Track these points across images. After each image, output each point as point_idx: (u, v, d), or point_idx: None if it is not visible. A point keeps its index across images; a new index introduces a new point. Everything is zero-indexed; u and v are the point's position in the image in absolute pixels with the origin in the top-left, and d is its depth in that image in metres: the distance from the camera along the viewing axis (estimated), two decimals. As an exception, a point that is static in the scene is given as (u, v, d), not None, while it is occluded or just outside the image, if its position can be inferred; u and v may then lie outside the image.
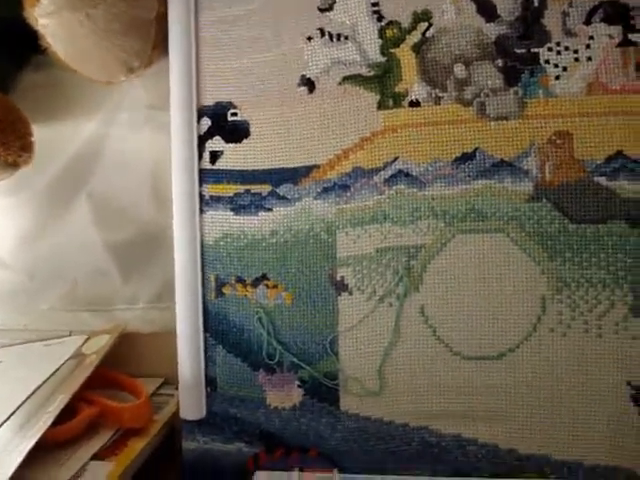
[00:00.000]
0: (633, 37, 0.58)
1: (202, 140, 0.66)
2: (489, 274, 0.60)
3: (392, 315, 0.62)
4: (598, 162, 0.59)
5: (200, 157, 0.66)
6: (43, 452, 0.61)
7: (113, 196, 0.76)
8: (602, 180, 0.58)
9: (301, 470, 0.64)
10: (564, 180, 0.59)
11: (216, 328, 0.66)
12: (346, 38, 0.63)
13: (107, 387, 0.72)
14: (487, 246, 0.60)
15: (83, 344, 0.75)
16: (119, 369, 0.75)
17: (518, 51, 0.60)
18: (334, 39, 0.63)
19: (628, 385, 0.59)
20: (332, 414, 0.63)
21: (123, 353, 0.76)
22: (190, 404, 0.66)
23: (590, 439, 0.60)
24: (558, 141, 0.59)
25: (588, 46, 0.59)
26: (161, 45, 0.68)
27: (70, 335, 0.77)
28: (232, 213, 0.65)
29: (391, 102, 0.62)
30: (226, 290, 0.65)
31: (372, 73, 0.62)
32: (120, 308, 0.77)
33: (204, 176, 0.66)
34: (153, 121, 0.74)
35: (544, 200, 0.59)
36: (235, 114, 0.65)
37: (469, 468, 0.62)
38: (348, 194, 0.63)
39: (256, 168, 0.65)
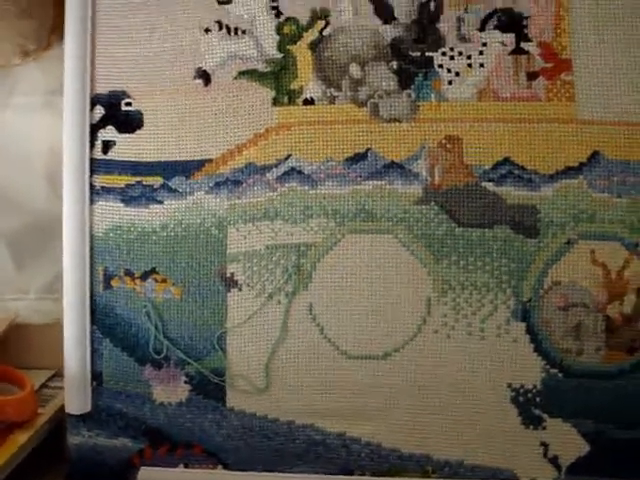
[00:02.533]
0: (525, 46, 0.59)
1: (95, 129, 0.64)
2: (377, 274, 0.61)
3: (280, 313, 0.62)
4: (486, 167, 0.59)
5: (92, 146, 0.64)
6: None
7: (6, 183, 0.74)
8: (489, 185, 0.59)
9: (186, 466, 0.64)
10: (453, 184, 0.60)
11: (103, 321, 0.65)
12: (244, 32, 0.62)
13: (-7, 378, 0.70)
14: (376, 247, 0.61)
15: (-30, 334, 0.72)
16: (10, 360, 0.73)
17: (413, 54, 0.60)
18: (231, 32, 0.62)
19: (508, 387, 0.60)
20: (218, 410, 0.63)
21: (14, 344, 0.74)
22: (75, 398, 0.65)
23: (471, 439, 0.61)
24: (448, 145, 0.60)
25: (481, 52, 0.60)
26: (60, 29, 0.66)
27: (-42, 324, 0.75)
28: (122, 204, 0.64)
29: (286, 99, 0.62)
30: (114, 283, 0.64)
31: (268, 69, 0.62)
32: (11, 298, 0.75)
33: (95, 166, 0.64)
34: (51, 107, 0.72)
35: (432, 203, 0.60)
36: (129, 104, 0.64)
37: (353, 466, 0.62)
38: (240, 190, 0.62)
39: (148, 160, 0.63)
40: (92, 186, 0.64)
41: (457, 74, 0.60)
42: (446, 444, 0.61)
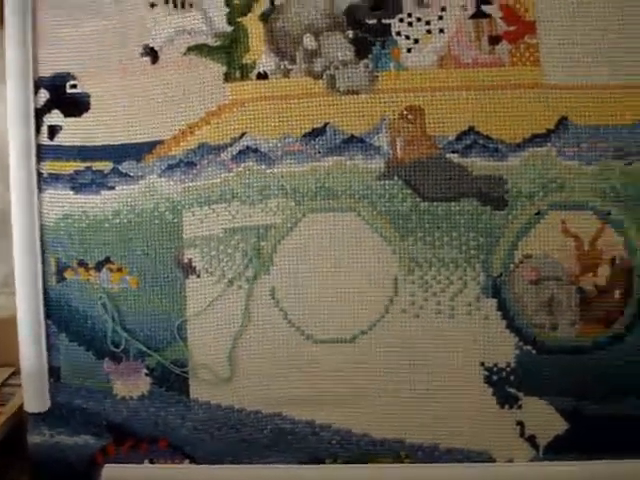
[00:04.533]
0: (486, 9, 0.57)
1: (40, 114, 0.61)
2: (340, 255, 0.58)
3: (242, 298, 0.59)
4: (450, 138, 0.57)
5: (38, 132, 0.61)
6: None
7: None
8: (454, 157, 0.57)
9: (151, 462, 0.62)
10: (416, 157, 0.57)
11: (58, 315, 0.62)
12: (191, 6, 0.59)
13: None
14: (338, 225, 0.58)
15: None
16: (-33, 358, 0.70)
17: (369, 22, 0.57)
18: (178, 6, 0.59)
19: (481, 366, 0.58)
20: (182, 403, 0.61)
21: (-29, 342, 0.71)
22: (34, 396, 0.63)
23: (445, 422, 0.59)
24: (409, 116, 0.57)
25: (441, 17, 0.57)
26: (1, 9, 0.63)
27: None
28: (72, 192, 0.61)
29: (238, 74, 0.59)
30: (68, 274, 0.62)
31: (218, 43, 0.59)
32: (-34, 294, 0.72)
33: (42, 152, 0.61)
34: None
35: (395, 178, 0.57)
36: (75, 86, 0.61)
37: (324, 454, 0.60)
38: (194, 172, 0.59)
39: (97, 144, 0.61)
40: (40, 173, 0.61)
41: (416, 41, 0.57)
42: (419, 428, 0.59)
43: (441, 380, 0.58)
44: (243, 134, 0.59)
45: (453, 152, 0.57)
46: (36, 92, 0.61)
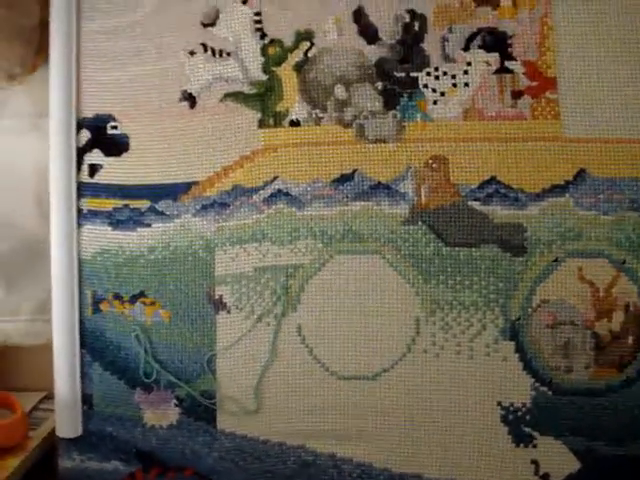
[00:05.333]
0: (510, 65, 0.59)
1: (81, 152, 0.64)
2: (365, 295, 0.61)
3: (269, 334, 0.62)
4: (472, 187, 0.59)
5: (79, 170, 0.64)
6: None
7: (-5, 205, 0.73)
8: (476, 204, 0.59)
9: (177, 489, 0.64)
10: (439, 203, 0.60)
11: (93, 345, 0.65)
12: (228, 54, 0.62)
13: (-17, 402, 0.70)
14: (364, 267, 0.61)
15: (-40, 357, 0.72)
16: (1, 382, 0.73)
17: (398, 74, 0.60)
18: (216, 55, 0.62)
19: (498, 405, 0.60)
20: (209, 433, 0.63)
21: (4, 366, 0.74)
22: (66, 422, 0.65)
23: (462, 458, 0.61)
24: (434, 165, 0.60)
25: (466, 72, 0.60)
26: (46, 50, 0.66)
27: (-52, 348, 0.74)
28: (110, 228, 0.64)
29: (272, 121, 0.62)
30: (103, 306, 0.64)
31: (253, 91, 0.62)
32: (1, 320, 0.75)
33: (82, 189, 0.64)
34: (38, 129, 0.72)
35: (419, 223, 0.60)
36: (115, 127, 0.64)
37: (345, 487, 0.62)
38: (227, 212, 0.62)
39: (135, 183, 0.63)
40: (79, 209, 0.64)
41: (442, 94, 0.60)
42: (437, 463, 0.61)
43: (459, 418, 0.60)
44: (275, 178, 0.61)
45: (475, 200, 0.59)
46: (78, 132, 0.64)
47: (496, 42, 0.60)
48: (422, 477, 0.61)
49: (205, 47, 0.62)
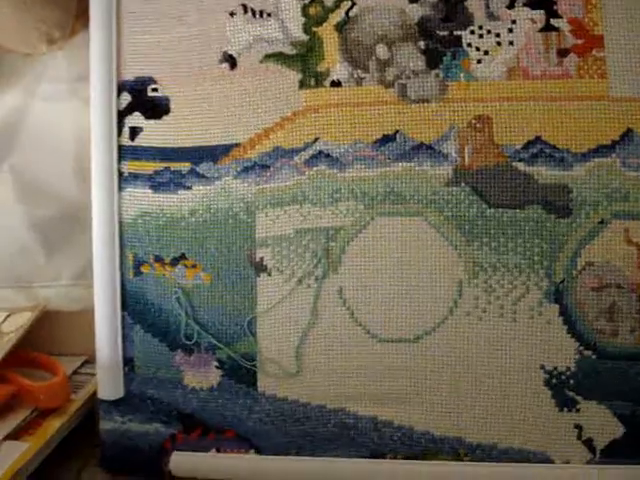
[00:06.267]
0: (555, 22, 0.58)
1: (122, 115, 0.64)
2: (407, 257, 0.60)
3: (310, 297, 0.61)
4: (517, 147, 0.59)
5: (119, 133, 0.64)
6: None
7: (36, 171, 0.74)
8: (520, 165, 0.59)
9: (218, 450, 0.64)
10: (483, 164, 0.59)
11: (134, 307, 0.65)
12: (269, 15, 0.62)
13: (26, 366, 0.70)
14: (406, 229, 0.60)
15: (3, 321, 0.73)
16: (42, 347, 0.73)
17: (440, 33, 0.59)
18: (257, 15, 0.62)
19: (541, 369, 0.59)
20: (249, 395, 0.63)
21: (46, 331, 0.75)
22: (108, 384, 0.66)
23: (504, 422, 0.60)
24: (478, 125, 0.59)
25: (510, 30, 0.59)
26: (85, 15, 0.66)
27: (-11, 312, 0.75)
28: (151, 191, 0.64)
29: (313, 81, 0.61)
30: (144, 269, 0.64)
31: (294, 51, 0.61)
32: (42, 285, 0.75)
33: (123, 152, 0.64)
34: (77, 94, 0.72)
35: (463, 184, 0.59)
36: (155, 90, 0.64)
37: (385, 450, 0.62)
38: (268, 174, 0.62)
39: (176, 145, 0.63)
40: (120, 173, 0.64)
41: (486, 52, 0.59)
42: (479, 427, 0.60)
43: (501, 381, 0.60)
44: (316, 139, 0.61)
45: (520, 161, 0.58)
46: (119, 95, 0.64)
47: (541, -1, 0.58)
48: (463, 440, 0.61)
49: (245, 8, 0.62)
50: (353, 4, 0.60)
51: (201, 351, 0.64)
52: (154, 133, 0.64)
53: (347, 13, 0.60)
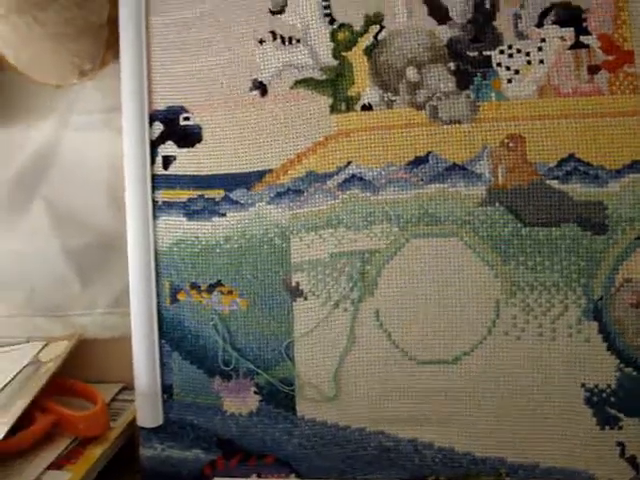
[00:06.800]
0: (585, 39, 0.58)
1: (154, 145, 0.65)
2: (443, 278, 0.60)
3: (347, 320, 0.62)
4: (550, 165, 0.58)
5: (153, 162, 0.65)
6: (-2, 463, 0.61)
7: (70, 201, 0.75)
8: (554, 183, 0.58)
9: (259, 476, 0.64)
10: (517, 183, 0.59)
11: (172, 335, 0.65)
12: (298, 41, 0.62)
13: (64, 394, 0.71)
14: (441, 250, 0.60)
15: (40, 351, 0.74)
16: (78, 375, 0.74)
17: (470, 54, 0.60)
18: (286, 42, 0.62)
19: (582, 387, 0.59)
20: (289, 420, 0.63)
21: (82, 359, 0.75)
22: (147, 411, 0.66)
23: (545, 441, 0.60)
24: (511, 144, 0.59)
25: (540, 49, 0.59)
26: (115, 46, 0.67)
27: (28, 342, 0.76)
28: (185, 219, 0.64)
29: (344, 106, 0.61)
30: (181, 296, 0.65)
31: (324, 77, 0.62)
32: (78, 314, 0.76)
33: (157, 181, 0.65)
34: (109, 124, 0.73)
35: (497, 204, 0.59)
36: (187, 118, 0.64)
37: (426, 472, 0.62)
38: (302, 199, 0.62)
39: (209, 173, 0.64)
40: (154, 201, 0.65)
41: (516, 72, 0.59)
42: (520, 447, 0.60)
43: (542, 400, 0.59)
44: (349, 163, 0.61)
45: (554, 178, 0.58)
46: (151, 125, 0.65)
47: (570, 17, 0.58)
48: (505, 461, 0.60)
49: (274, 35, 0.63)
50: (382, 28, 0.61)
51: (239, 377, 0.64)
52: (187, 161, 0.64)
53: (376, 37, 0.61)
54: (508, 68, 0.59)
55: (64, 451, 0.65)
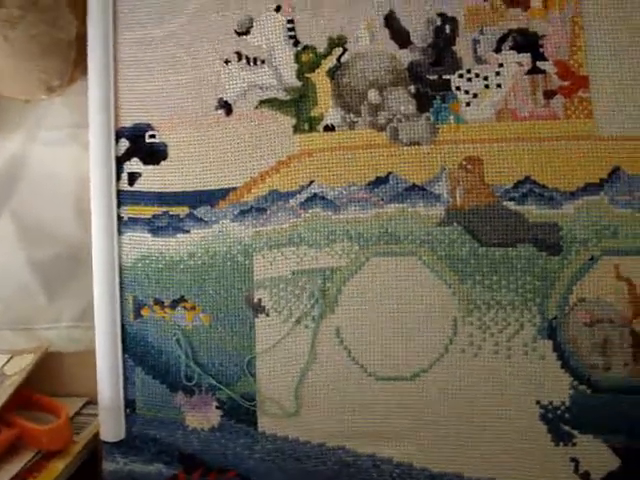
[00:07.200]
0: (541, 65, 0.60)
1: (120, 161, 0.66)
2: (402, 296, 0.61)
3: (308, 337, 0.62)
4: (507, 187, 0.60)
5: (118, 178, 0.66)
6: (-42, 477, 0.61)
7: (37, 214, 0.75)
8: (511, 204, 0.60)
9: (220, 491, 0.65)
10: (474, 204, 0.60)
11: (135, 349, 0.66)
12: (263, 62, 0.63)
13: (29, 408, 0.71)
14: (400, 269, 0.61)
15: (5, 364, 0.74)
16: (43, 389, 0.74)
17: (430, 77, 0.61)
18: (251, 63, 0.63)
19: (537, 404, 0.60)
20: (250, 435, 0.64)
21: (47, 372, 0.75)
22: (110, 426, 0.66)
23: (502, 457, 0.61)
24: (469, 166, 0.60)
25: (498, 73, 0.60)
26: (83, 63, 0.68)
27: (-8, 355, 0.76)
28: (150, 235, 0.65)
29: (307, 126, 0.63)
30: (144, 312, 0.65)
31: (288, 97, 0.63)
32: (44, 327, 0.76)
33: (122, 197, 0.66)
34: (77, 139, 0.74)
35: (455, 224, 0.60)
36: (153, 136, 0.65)
37: (385, 486, 0.63)
38: (265, 217, 0.63)
39: (174, 190, 0.65)
40: (120, 217, 0.66)
41: (475, 95, 0.60)
42: (477, 462, 0.61)
43: (498, 417, 0.61)
44: (311, 182, 0.62)
45: (510, 200, 0.60)
46: (117, 141, 0.66)
47: (527, 43, 0.60)
48: (462, 476, 0.61)
49: (240, 55, 0.64)
50: (345, 50, 0.62)
51: (202, 392, 0.64)
52: (152, 178, 0.65)
53: (339, 59, 0.62)
54: (467, 92, 0.61)
55: (27, 464, 0.65)
